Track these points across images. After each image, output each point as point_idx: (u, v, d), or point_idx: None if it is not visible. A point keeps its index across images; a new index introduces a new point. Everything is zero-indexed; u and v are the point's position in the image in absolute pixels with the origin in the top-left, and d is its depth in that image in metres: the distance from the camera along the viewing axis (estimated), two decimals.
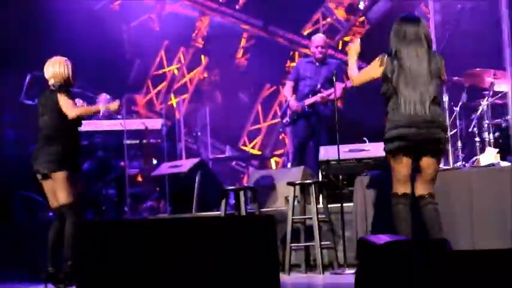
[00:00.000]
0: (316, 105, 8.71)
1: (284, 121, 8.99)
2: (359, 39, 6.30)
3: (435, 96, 5.73)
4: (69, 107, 6.48)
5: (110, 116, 9.76)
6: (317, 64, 8.84)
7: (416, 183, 5.87)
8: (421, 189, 5.85)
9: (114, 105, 6.81)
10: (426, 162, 5.78)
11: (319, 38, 9.00)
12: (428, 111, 5.67)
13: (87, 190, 9.10)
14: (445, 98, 7.16)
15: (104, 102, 9.70)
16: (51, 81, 6.61)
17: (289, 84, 9.01)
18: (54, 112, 6.51)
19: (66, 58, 6.70)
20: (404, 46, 5.74)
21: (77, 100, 6.74)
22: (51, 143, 6.47)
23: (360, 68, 6.07)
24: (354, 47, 6.15)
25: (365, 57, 11.09)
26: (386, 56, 5.80)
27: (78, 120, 6.62)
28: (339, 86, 7.64)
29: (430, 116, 5.67)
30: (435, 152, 5.77)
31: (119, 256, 3.93)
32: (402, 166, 5.77)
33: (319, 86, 8.70)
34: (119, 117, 9.88)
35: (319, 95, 8.65)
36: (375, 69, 5.84)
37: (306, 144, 8.92)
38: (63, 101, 6.49)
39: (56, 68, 6.60)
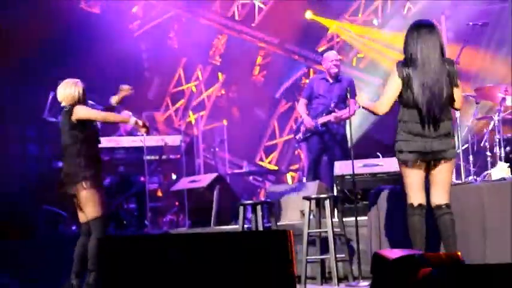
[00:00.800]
0: (330, 123, 8.79)
1: (297, 137, 9.05)
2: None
3: (448, 98, 5.71)
4: (92, 112, 6.61)
5: (130, 132, 9.95)
6: (330, 81, 8.91)
7: (431, 193, 5.84)
8: (437, 199, 5.83)
9: (144, 121, 6.95)
10: (439, 169, 5.75)
11: (332, 54, 9.08)
12: (437, 116, 5.66)
13: (108, 205, 9.26)
14: (457, 114, 7.20)
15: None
16: (62, 104, 6.66)
17: (302, 102, 9.07)
18: (67, 133, 6.59)
19: (78, 80, 6.71)
20: (418, 45, 5.67)
21: (125, 112, 6.86)
22: (70, 162, 6.57)
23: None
24: (362, 100, 6.23)
25: (380, 74, 11.28)
26: (399, 64, 5.76)
27: (94, 136, 6.70)
28: (353, 104, 7.70)
29: (440, 124, 5.67)
30: (446, 159, 5.73)
31: (140, 270, 4.03)
32: (415, 174, 5.77)
33: (332, 105, 8.77)
34: (139, 134, 10.01)
35: (333, 114, 8.69)
36: (393, 81, 5.76)
37: (320, 160, 8.97)
38: (81, 109, 6.58)
39: (66, 90, 6.63)
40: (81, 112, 6.57)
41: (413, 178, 5.79)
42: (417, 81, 5.67)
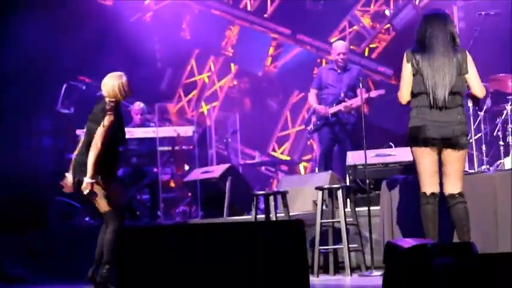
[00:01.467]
0: (340, 113, 8.81)
1: (308, 129, 9.07)
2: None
3: (457, 91, 5.75)
4: (98, 136, 6.46)
5: (142, 124, 9.98)
6: (339, 71, 8.91)
7: (444, 181, 5.85)
8: (450, 188, 5.84)
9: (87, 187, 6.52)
10: (451, 157, 5.77)
11: (340, 45, 9.04)
12: (444, 103, 5.69)
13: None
14: (470, 103, 7.22)
15: (139, 111, 9.95)
16: (105, 95, 6.55)
17: (313, 92, 9.07)
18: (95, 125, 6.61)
19: (123, 73, 6.60)
20: (427, 32, 5.75)
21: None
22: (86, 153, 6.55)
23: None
24: None
25: (391, 64, 11.29)
26: (409, 51, 5.82)
27: (117, 136, 6.62)
28: (363, 93, 7.71)
29: (451, 110, 5.71)
30: (458, 146, 5.75)
31: (157, 260, 4.04)
32: (428, 163, 5.77)
33: (342, 94, 8.79)
34: (152, 124, 10.07)
35: (342, 104, 8.72)
36: (406, 68, 5.81)
37: (331, 150, 8.97)
38: (105, 125, 6.48)
39: (109, 82, 6.54)
40: (107, 124, 6.46)
41: (426, 166, 5.80)
42: (425, 67, 5.72)
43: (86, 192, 6.45)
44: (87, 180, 6.42)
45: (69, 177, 6.62)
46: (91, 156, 6.42)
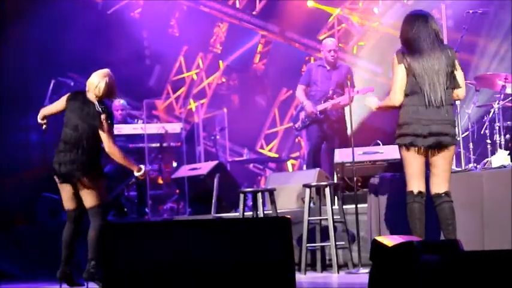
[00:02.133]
0: (328, 111, 8.80)
1: (296, 126, 9.06)
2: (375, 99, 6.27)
3: (451, 87, 5.77)
4: (108, 133, 6.60)
5: (125, 120, 9.94)
6: (328, 68, 8.92)
7: (431, 181, 5.87)
8: (437, 188, 5.85)
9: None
10: (439, 157, 5.78)
11: (331, 42, 9.04)
12: (440, 101, 5.70)
13: (109, 192, 9.29)
14: (458, 101, 7.23)
15: (119, 107, 9.92)
16: (89, 93, 6.55)
17: (300, 88, 9.03)
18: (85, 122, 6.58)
19: (109, 72, 6.58)
20: (414, 33, 5.76)
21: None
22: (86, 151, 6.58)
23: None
24: (374, 103, 6.18)
25: (380, 62, 11.29)
26: (399, 52, 5.82)
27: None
28: (351, 91, 7.73)
29: (441, 109, 5.71)
30: (447, 146, 5.76)
31: (142, 256, 4.05)
32: (415, 161, 5.78)
33: (331, 92, 8.79)
34: (135, 121, 10.05)
35: (330, 101, 8.74)
36: (398, 68, 5.79)
37: (320, 148, 8.96)
38: (107, 126, 6.54)
39: (93, 80, 6.53)
40: (107, 128, 6.52)
41: (414, 165, 5.81)
42: (417, 67, 5.73)
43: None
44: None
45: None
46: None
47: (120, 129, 9.61)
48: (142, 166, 6.82)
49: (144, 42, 13.14)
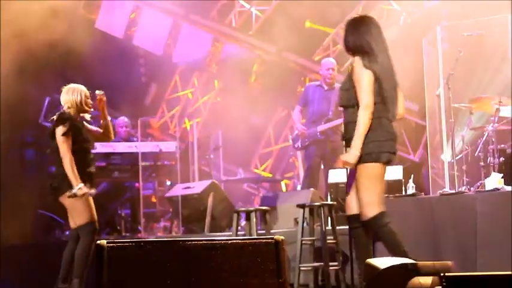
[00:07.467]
0: (328, 131, 8.86)
1: (295, 146, 9.12)
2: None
3: None
4: (64, 146, 6.54)
5: (126, 139, 9.98)
6: (325, 88, 8.97)
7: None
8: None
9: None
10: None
11: (330, 62, 9.13)
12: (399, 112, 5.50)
13: (102, 210, 9.29)
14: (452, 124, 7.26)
15: (123, 124, 9.97)
16: (64, 107, 6.65)
17: (297, 109, 9.13)
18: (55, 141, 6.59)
19: (82, 86, 6.69)
20: (371, 39, 5.40)
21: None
22: (58, 170, 6.59)
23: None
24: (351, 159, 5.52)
25: None
26: (362, 60, 5.40)
27: (83, 146, 6.65)
28: None
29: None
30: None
31: (135, 274, 4.04)
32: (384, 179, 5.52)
33: (331, 113, 8.85)
34: (134, 139, 10.07)
35: (331, 123, 8.77)
36: (367, 75, 5.35)
37: (318, 168, 9.00)
38: (60, 137, 6.52)
39: (68, 95, 6.63)
40: (59, 138, 6.51)
41: (383, 184, 5.55)
42: (379, 72, 5.36)
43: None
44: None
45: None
46: (66, 161, 6.47)
47: (115, 147, 9.61)
48: (81, 185, 6.52)
49: (140, 60, 13.17)
